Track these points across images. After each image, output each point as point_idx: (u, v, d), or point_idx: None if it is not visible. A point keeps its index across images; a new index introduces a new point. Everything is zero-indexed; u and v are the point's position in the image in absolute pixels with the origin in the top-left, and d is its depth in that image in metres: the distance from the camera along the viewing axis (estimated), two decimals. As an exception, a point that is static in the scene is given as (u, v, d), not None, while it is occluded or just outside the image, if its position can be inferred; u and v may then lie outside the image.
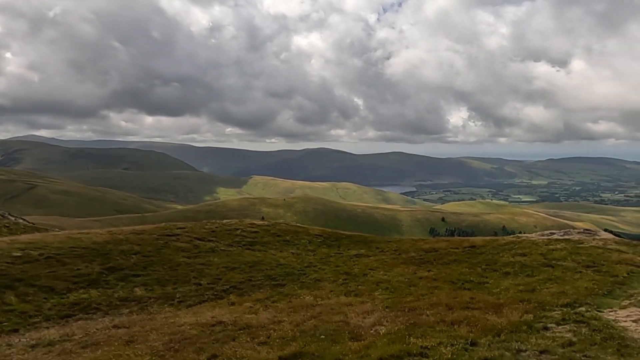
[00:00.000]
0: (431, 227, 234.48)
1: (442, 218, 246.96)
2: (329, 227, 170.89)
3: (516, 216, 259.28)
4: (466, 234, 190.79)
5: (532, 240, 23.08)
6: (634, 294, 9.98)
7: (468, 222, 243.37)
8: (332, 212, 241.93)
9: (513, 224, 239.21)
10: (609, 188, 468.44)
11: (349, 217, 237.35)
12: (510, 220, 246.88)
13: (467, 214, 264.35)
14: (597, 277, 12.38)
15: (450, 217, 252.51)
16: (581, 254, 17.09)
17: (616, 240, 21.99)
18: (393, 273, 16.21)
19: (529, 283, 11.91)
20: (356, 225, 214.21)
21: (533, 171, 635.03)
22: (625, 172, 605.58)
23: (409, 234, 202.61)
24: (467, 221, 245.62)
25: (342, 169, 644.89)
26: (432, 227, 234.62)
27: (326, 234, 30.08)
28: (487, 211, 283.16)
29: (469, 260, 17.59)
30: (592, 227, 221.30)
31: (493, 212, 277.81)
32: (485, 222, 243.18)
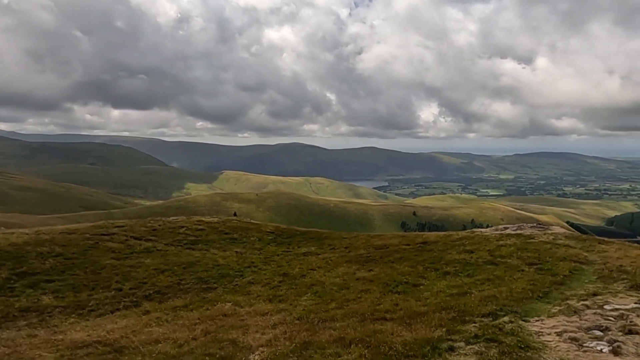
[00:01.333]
0: (403, 221, 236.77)
1: (414, 212, 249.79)
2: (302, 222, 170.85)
3: (484, 210, 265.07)
4: (436, 227, 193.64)
5: (484, 236, 22.52)
6: (568, 297, 9.18)
7: (438, 216, 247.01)
8: (305, 207, 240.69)
9: (481, 217, 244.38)
10: (571, 182, 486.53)
11: (322, 212, 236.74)
12: (479, 214, 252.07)
13: (437, 208, 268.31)
14: (537, 276, 11.61)
15: (422, 211, 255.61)
16: (528, 250, 16.49)
17: (566, 234, 21.68)
18: (332, 274, 15.12)
19: (465, 285, 11.01)
20: (329, 220, 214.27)
21: (500, 166, 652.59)
22: (586, 166, 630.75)
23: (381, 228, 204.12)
24: (437, 215, 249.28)
25: (316, 164, 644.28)
26: (403, 221, 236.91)
27: (279, 231, 28.83)
28: (456, 205, 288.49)
29: (415, 258, 16.71)
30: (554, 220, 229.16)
31: (462, 206, 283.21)
32: (455, 216, 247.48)
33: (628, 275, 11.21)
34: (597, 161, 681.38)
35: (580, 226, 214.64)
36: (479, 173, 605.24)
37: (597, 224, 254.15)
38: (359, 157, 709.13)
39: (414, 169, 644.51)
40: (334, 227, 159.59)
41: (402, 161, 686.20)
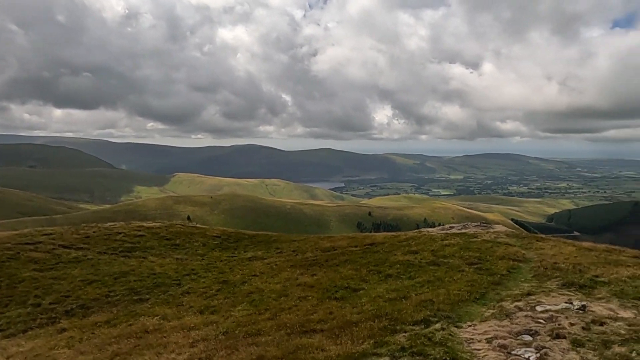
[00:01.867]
0: (359, 221, 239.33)
1: (369, 212, 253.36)
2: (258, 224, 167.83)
3: (436, 209, 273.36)
4: (391, 227, 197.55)
5: (430, 236, 22.71)
6: (504, 298, 9.11)
7: (393, 216, 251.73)
8: (260, 209, 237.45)
9: (433, 216, 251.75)
10: (515, 181, 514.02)
11: (278, 214, 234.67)
12: (431, 214, 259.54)
13: (392, 208, 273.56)
14: (476, 276, 11.57)
15: (377, 211, 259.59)
16: (471, 249, 16.65)
17: (507, 232, 22.30)
18: (274, 280, 14.47)
19: (405, 288, 10.74)
20: (285, 221, 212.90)
21: (451, 166, 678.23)
22: (529, 167, 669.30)
23: (337, 229, 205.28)
24: (392, 215, 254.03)
25: (272, 166, 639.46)
26: (359, 221, 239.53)
27: (226, 235, 27.76)
28: (410, 205, 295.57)
29: (360, 261, 16.39)
30: (500, 217, 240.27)
31: (415, 205, 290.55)
32: (409, 216, 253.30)
33: (561, 273, 11.40)
34: (538, 162, 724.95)
35: (523, 223, 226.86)
36: (431, 174, 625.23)
37: (539, 220, 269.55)
38: (315, 158, 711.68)
39: (369, 170, 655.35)
40: (290, 229, 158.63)
41: (357, 162, 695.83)
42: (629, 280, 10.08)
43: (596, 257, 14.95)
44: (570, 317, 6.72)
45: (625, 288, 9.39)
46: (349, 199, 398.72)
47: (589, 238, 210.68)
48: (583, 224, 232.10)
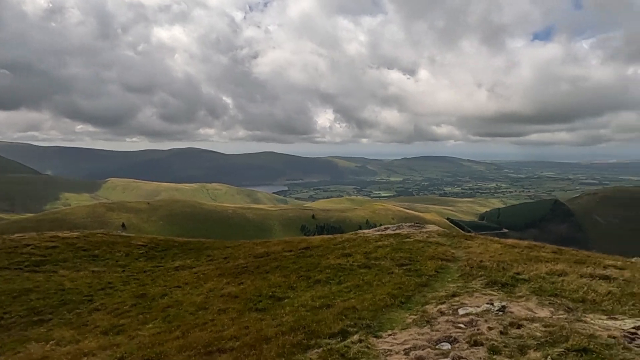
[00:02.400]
0: (302, 224, 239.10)
1: (313, 215, 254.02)
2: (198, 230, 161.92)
3: (377, 211, 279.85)
4: (334, 229, 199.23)
5: (366, 237, 22.63)
6: (429, 300, 8.89)
7: (336, 218, 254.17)
8: (201, 214, 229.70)
9: (375, 217, 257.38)
10: (450, 182, 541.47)
11: (220, 219, 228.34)
12: (373, 215, 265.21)
13: (335, 210, 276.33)
14: (404, 278, 11.35)
15: (320, 214, 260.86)
16: (402, 250, 16.62)
17: (439, 232, 22.79)
18: (197, 291, 13.41)
19: (331, 294, 10.25)
20: (227, 227, 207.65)
21: (390, 169, 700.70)
22: (462, 168, 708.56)
23: (281, 233, 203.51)
24: (335, 217, 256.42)
25: (213, 170, 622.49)
26: (303, 224, 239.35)
27: (154, 243, 25.94)
28: (352, 207, 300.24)
29: (291, 266, 15.74)
30: (437, 217, 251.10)
31: (358, 207, 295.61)
32: (351, 218, 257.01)
33: (486, 272, 11.49)
34: (470, 164, 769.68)
35: (458, 222, 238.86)
36: (372, 176, 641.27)
37: (472, 219, 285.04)
38: (258, 161, 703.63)
39: (312, 173, 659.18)
40: (232, 235, 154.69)
41: (300, 165, 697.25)
42: (547, 277, 10.32)
43: (519, 254, 15.47)
44: (489, 321, 6.54)
45: (543, 285, 9.56)
46: (292, 203, 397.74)
47: (516, 234, 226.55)
48: (511, 221, 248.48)
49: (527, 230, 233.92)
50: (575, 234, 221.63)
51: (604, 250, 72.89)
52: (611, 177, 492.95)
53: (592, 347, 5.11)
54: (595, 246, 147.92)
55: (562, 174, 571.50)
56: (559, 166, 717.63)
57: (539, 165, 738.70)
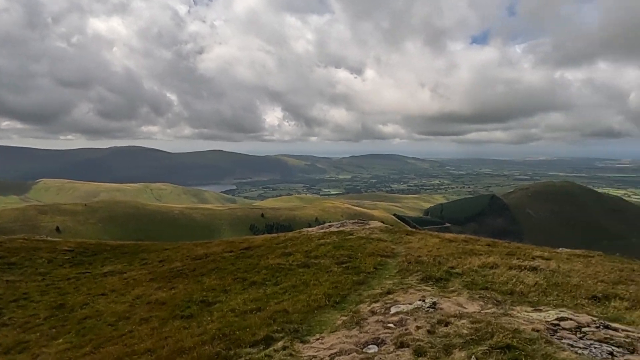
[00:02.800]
0: (252, 223, 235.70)
1: (262, 214, 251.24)
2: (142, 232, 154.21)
3: (327, 208, 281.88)
4: (284, 227, 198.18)
5: (309, 235, 22.32)
6: (363, 299, 8.68)
7: (285, 217, 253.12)
8: (145, 215, 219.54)
9: (324, 215, 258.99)
10: (396, 179, 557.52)
11: (165, 220, 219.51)
12: (322, 212, 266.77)
13: (284, 209, 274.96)
14: (342, 277, 11.10)
15: (269, 212, 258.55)
16: (344, 247, 16.45)
17: (381, 228, 22.98)
18: (122, 299, 12.38)
19: (266, 296, 9.76)
20: (174, 228, 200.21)
21: (339, 167, 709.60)
22: (407, 166, 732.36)
23: (230, 232, 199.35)
24: (284, 215, 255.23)
25: (157, 169, 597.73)
26: (252, 223, 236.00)
27: (83, 248, 24.06)
28: (302, 205, 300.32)
29: (229, 268, 15.05)
30: (384, 213, 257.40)
31: (307, 205, 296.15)
32: (301, 216, 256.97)
33: (422, 267, 11.52)
34: (415, 161, 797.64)
35: (404, 217, 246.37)
36: (321, 174, 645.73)
37: (417, 214, 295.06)
38: (205, 160, 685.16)
39: (261, 171, 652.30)
40: (178, 236, 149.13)
41: (249, 164, 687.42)
42: (479, 270, 10.48)
43: (455, 248, 15.80)
44: (419, 319, 6.37)
45: (475, 278, 9.67)
46: (241, 202, 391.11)
47: (457, 228, 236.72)
48: (453, 216, 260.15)
49: (467, 224, 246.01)
50: (511, 226, 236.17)
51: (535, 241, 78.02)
52: (541, 173, 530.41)
53: (516, 344, 5.05)
54: (528, 238, 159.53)
55: (498, 171, 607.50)
56: (496, 163, 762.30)
57: (477, 163, 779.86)
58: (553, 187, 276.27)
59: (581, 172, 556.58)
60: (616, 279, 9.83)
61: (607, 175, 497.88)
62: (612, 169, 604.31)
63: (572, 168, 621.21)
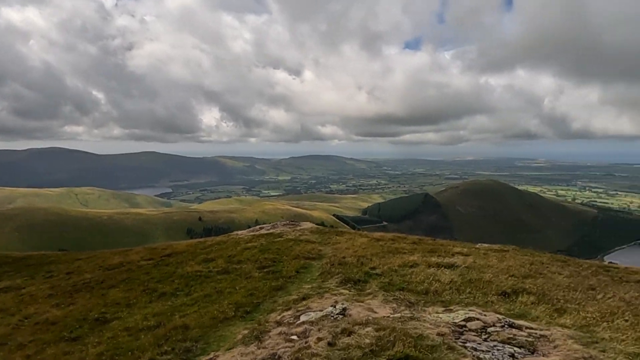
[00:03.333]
0: (189, 227, 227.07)
1: (199, 217, 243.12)
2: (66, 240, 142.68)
3: (267, 210, 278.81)
4: (223, 230, 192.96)
5: (238, 239, 21.41)
6: (275, 308, 8.12)
7: (224, 219, 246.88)
8: (69, 222, 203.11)
9: (264, 217, 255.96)
10: (335, 180, 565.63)
11: (93, 227, 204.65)
12: (262, 214, 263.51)
13: (223, 212, 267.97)
14: (260, 283, 10.45)
15: (207, 215, 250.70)
16: (270, 251, 15.82)
17: (312, 229, 22.63)
18: (6, 320, 10.78)
19: (172, 309, 8.87)
20: (103, 235, 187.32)
21: (279, 168, 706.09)
22: (346, 167, 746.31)
23: (165, 237, 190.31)
24: (223, 218, 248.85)
25: (82, 172, 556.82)
26: (189, 227, 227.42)
27: (-23, 262, 21.22)
28: (241, 207, 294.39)
29: (142, 278, 13.81)
30: (324, 214, 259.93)
31: (247, 207, 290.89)
32: (240, 218, 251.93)
33: (344, 269, 11.19)
34: (353, 162, 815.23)
35: (343, 217, 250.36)
36: (260, 175, 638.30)
37: (356, 214, 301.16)
38: (138, 162, 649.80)
39: (199, 173, 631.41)
40: (108, 244, 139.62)
41: (186, 166, 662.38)
42: (399, 269, 10.33)
43: (382, 247, 15.77)
44: (323, 329, 5.92)
45: (394, 278, 9.48)
46: (177, 205, 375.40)
47: (394, 226, 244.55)
48: (390, 214, 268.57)
49: (403, 222, 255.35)
50: (442, 223, 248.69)
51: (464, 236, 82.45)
52: (469, 172, 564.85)
53: (415, 354, 4.74)
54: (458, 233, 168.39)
55: (431, 170, 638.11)
56: (429, 163, 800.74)
57: (412, 163, 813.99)
58: (479, 185, 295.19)
59: (504, 170, 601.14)
60: (526, 273, 10.15)
61: (525, 174, 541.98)
62: (529, 167, 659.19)
63: (496, 167, 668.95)
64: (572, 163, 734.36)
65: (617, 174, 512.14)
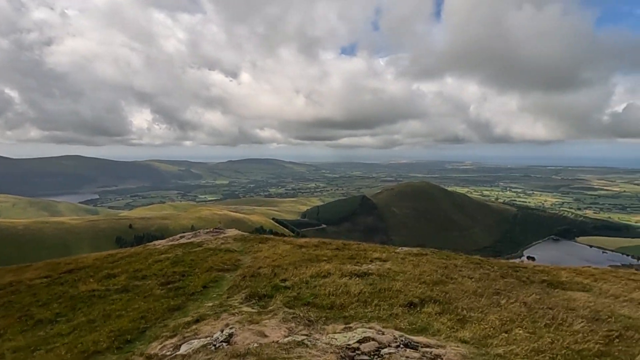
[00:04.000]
0: (118, 236, 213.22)
1: (130, 225, 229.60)
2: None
3: (203, 215, 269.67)
4: (156, 238, 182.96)
5: (152, 250, 19.77)
6: (160, 335, 7.17)
7: (157, 226, 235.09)
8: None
9: (201, 222, 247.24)
10: (274, 184, 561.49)
11: (6, 238, 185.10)
12: (198, 219, 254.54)
13: (156, 218, 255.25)
14: (157, 303, 9.36)
15: (139, 222, 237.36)
16: (182, 263, 14.59)
17: (237, 236, 21.53)
18: None
19: (42, 340, 7.57)
20: (18, 247, 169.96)
21: (216, 172, 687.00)
22: (284, 170, 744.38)
23: (89, 248, 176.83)
24: (156, 225, 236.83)
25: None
26: (119, 236, 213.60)
27: None
28: (176, 213, 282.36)
29: (25, 300, 12.03)
30: (263, 218, 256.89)
31: (182, 213, 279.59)
32: (174, 225, 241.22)
33: (254, 282, 10.41)
34: (292, 165, 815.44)
35: (282, 221, 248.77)
36: (197, 180, 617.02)
37: (295, 217, 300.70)
38: (60, 167, 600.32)
39: (129, 178, 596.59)
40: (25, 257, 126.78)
41: (114, 171, 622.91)
42: (310, 280, 9.76)
43: (303, 254, 15.16)
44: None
45: (302, 291, 8.88)
46: (105, 212, 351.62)
47: (333, 228, 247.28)
48: (328, 217, 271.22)
49: (342, 224, 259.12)
50: (379, 224, 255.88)
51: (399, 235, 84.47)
52: (404, 175, 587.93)
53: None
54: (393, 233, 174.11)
55: (367, 173, 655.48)
56: (365, 166, 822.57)
57: (349, 166, 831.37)
58: (413, 187, 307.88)
59: (435, 173, 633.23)
60: (437, 279, 10.02)
61: (454, 176, 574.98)
62: (458, 170, 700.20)
63: (428, 170, 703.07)
64: (495, 165, 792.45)
65: (533, 175, 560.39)
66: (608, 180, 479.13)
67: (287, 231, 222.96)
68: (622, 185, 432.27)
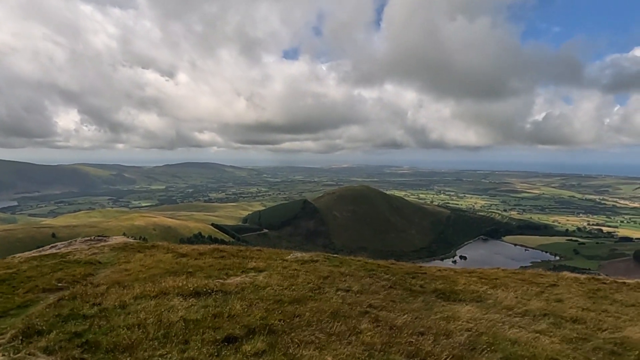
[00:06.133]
0: (39, 246, 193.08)
1: (53, 234, 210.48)
2: None
3: (136, 221, 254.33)
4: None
5: (9, 263, 16.20)
6: None
7: (85, 234, 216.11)
8: None
9: (133, 229, 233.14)
10: (215, 188, 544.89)
11: None
12: (130, 226, 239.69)
13: (84, 225, 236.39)
14: None
15: (63, 231, 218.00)
16: (14, 281, 11.45)
17: (118, 245, 18.34)
18: None
19: None
20: None
21: (151, 176, 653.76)
22: (225, 174, 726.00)
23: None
24: (84, 233, 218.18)
25: None
26: (40, 246, 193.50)
27: None
28: (106, 220, 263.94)
29: None
30: (202, 224, 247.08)
31: (112, 220, 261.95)
32: (104, 231, 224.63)
33: (64, 307, 7.73)
34: (233, 169, 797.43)
35: (223, 226, 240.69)
36: (130, 185, 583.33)
37: (236, 222, 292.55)
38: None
39: (53, 183, 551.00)
40: None
41: (36, 175, 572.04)
42: (130, 304, 7.30)
43: (175, 264, 12.58)
44: None
45: (100, 323, 6.40)
46: (24, 221, 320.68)
47: (274, 233, 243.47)
48: (270, 221, 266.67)
49: (284, 228, 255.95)
50: (321, 227, 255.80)
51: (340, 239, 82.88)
52: (344, 179, 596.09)
53: None
54: (335, 236, 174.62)
55: (309, 177, 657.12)
56: (307, 170, 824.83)
57: (291, 170, 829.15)
58: (353, 191, 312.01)
59: (374, 177, 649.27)
60: (302, 295, 8.02)
61: (392, 180, 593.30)
62: (395, 174, 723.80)
63: (367, 174, 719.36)
64: (430, 170, 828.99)
65: (465, 179, 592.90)
66: (529, 183, 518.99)
67: (227, 237, 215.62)
68: (542, 188, 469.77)
